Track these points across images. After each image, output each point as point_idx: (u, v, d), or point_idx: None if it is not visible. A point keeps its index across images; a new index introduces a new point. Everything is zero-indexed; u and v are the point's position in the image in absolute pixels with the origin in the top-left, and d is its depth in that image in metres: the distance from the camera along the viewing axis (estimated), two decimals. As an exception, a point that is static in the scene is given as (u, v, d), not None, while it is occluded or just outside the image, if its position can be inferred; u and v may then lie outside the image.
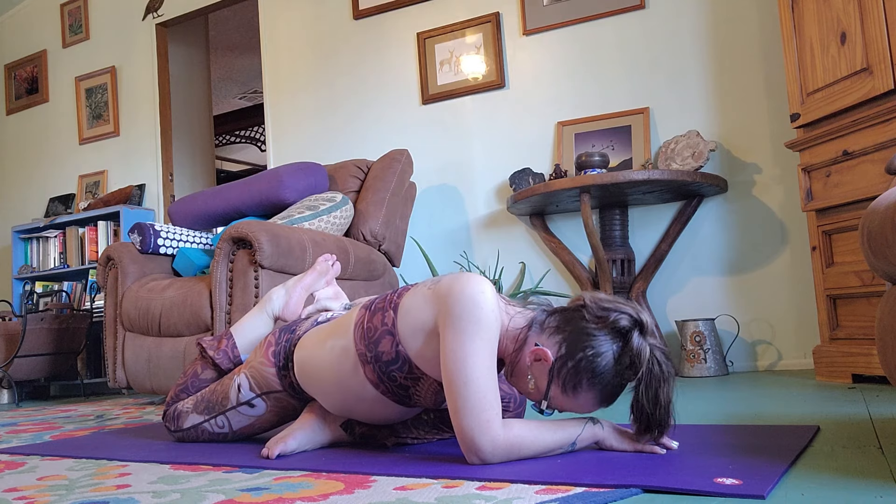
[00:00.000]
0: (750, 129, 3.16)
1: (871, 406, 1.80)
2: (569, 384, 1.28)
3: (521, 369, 1.34)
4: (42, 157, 5.20)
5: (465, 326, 1.27)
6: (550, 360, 1.29)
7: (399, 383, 1.43)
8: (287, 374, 1.63)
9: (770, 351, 3.09)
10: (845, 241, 2.43)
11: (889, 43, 2.22)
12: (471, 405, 1.25)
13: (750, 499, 0.98)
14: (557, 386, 1.29)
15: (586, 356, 1.26)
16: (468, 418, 1.25)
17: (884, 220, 1.14)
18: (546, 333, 1.32)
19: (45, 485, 1.35)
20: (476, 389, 1.25)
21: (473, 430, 1.25)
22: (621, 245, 3.25)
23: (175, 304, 2.65)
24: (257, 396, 1.67)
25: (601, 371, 1.26)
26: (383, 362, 1.41)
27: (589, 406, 1.31)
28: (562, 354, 1.28)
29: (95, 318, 4.12)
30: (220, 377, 1.82)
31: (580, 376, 1.27)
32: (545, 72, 3.59)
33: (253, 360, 1.70)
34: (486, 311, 1.28)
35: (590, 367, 1.26)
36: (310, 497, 1.12)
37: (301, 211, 2.87)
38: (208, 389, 1.77)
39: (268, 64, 4.38)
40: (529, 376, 1.32)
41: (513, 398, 1.66)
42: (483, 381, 1.26)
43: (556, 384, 1.29)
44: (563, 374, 1.28)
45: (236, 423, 1.71)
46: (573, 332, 1.29)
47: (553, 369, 1.29)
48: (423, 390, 1.44)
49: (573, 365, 1.27)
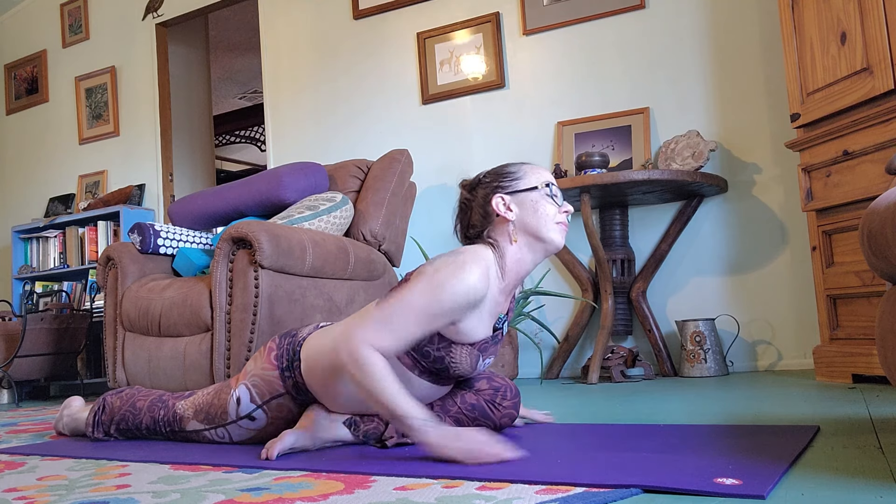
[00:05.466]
0: (750, 129, 3.16)
1: (871, 406, 1.80)
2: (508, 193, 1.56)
3: (505, 232, 1.56)
4: (42, 157, 5.20)
5: (427, 287, 1.43)
6: (501, 211, 1.55)
7: (433, 357, 1.51)
8: (291, 374, 1.63)
9: (770, 351, 3.09)
10: (845, 241, 2.43)
11: (889, 43, 2.22)
12: (376, 315, 1.43)
13: (750, 499, 0.98)
14: (508, 198, 1.55)
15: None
16: (362, 318, 1.45)
17: (884, 220, 1.14)
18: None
19: (45, 485, 1.35)
20: (390, 314, 1.42)
21: (356, 326, 1.42)
22: (621, 245, 3.25)
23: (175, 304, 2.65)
24: (258, 408, 1.67)
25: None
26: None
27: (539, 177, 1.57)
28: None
29: (95, 318, 4.12)
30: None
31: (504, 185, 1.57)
32: (545, 72, 3.59)
33: (253, 369, 1.69)
34: (448, 297, 1.42)
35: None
36: (310, 497, 1.12)
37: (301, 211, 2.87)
38: (205, 400, 1.76)
39: (268, 64, 4.38)
40: (511, 227, 1.54)
41: (508, 389, 1.71)
42: (402, 320, 1.41)
43: (508, 199, 1.55)
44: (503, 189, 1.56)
45: (237, 435, 1.73)
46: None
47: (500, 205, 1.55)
48: (458, 355, 1.52)
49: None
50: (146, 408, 1.85)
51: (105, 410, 1.90)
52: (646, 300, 3.22)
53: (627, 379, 2.94)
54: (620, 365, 2.97)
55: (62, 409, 2.11)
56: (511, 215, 1.55)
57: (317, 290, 2.63)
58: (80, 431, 1.99)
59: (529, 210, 1.55)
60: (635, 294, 3.21)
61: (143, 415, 1.85)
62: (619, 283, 3.20)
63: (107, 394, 1.95)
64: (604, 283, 3.07)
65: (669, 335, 3.22)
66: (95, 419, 1.90)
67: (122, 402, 1.90)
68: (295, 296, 2.53)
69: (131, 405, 1.88)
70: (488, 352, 1.60)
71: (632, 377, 2.94)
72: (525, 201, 1.55)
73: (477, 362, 1.57)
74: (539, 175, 1.59)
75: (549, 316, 3.48)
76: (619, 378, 2.92)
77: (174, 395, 1.87)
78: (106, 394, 1.95)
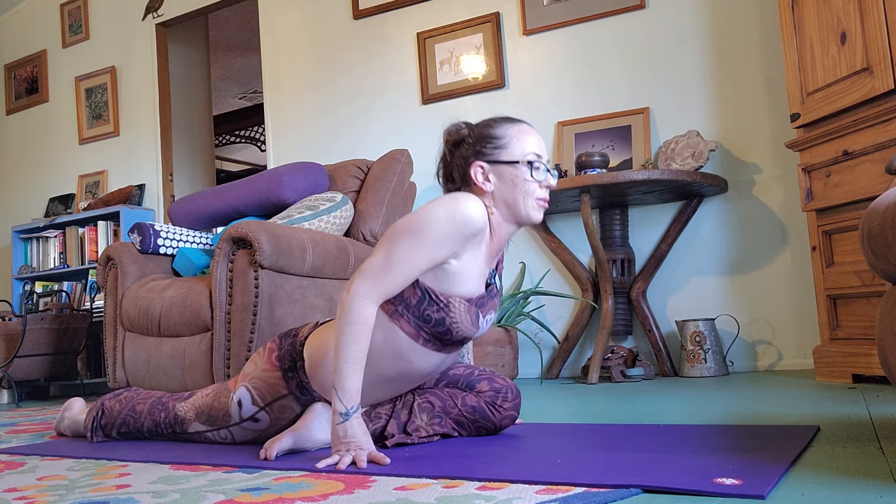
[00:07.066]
0: (750, 129, 3.16)
1: (871, 406, 1.80)
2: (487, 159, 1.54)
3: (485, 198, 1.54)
4: (42, 157, 5.20)
5: (424, 216, 1.45)
6: (479, 181, 1.54)
7: (434, 321, 1.50)
8: (295, 374, 1.63)
9: (770, 351, 3.09)
10: (845, 241, 2.43)
11: (889, 43, 2.22)
12: (377, 257, 1.45)
13: (750, 499, 0.98)
14: (487, 168, 1.54)
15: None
16: (365, 264, 1.46)
17: (884, 220, 1.14)
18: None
19: (45, 485, 1.35)
20: (391, 249, 1.44)
21: (356, 275, 1.45)
22: (621, 245, 3.25)
23: (175, 304, 2.65)
24: (260, 410, 1.66)
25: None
26: (413, 306, 1.49)
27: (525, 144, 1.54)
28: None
29: (95, 318, 4.12)
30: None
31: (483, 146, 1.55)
32: (545, 72, 3.59)
33: (252, 372, 1.68)
34: (446, 219, 1.43)
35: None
36: (310, 497, 1.12)
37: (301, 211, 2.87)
38: (205, 402, 1.75)
39: (268, 64, 4.37)
40: (488, 199, 1.53)
41: (509, 390, 1.70)
42: (402, 252, 1.43)
43: (487, 169, 1.53)
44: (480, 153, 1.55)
45: (240, 436, 1.72)
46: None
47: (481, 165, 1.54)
48: (457, 313, 1.50)
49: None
50: (146, 411, 1.85)
51: (104, 415, 1.90)
52: (646, 300, 3.22)
53: (627, 379, 2.94)
54: (620, 365, 2.97)
55: (63, 410, 2.11)
56: (489, 186, 1.53)
57: (317, 290, 2.63)
58: (81, 433, 1.99)
59: (509, 184, 1.52)
60: (635, 294, 3.21)
61: (144, 418, 1.84)
62: (619, 283, 3.20)
63: (104, 398, 1.94)
64: (604, 283, 3.07)
65: (669, 335, 3.22)
66: (94, 424, 1.89)
67: (122, 406, 1.89)
68: (295, 296, 2.53)
69: (131, 409, 1.87)
70: (486, 307, 1.58)
71: (632, 377, 2.94)
72: (505, 174, 1.52)
73: (478, 319, 1.55)
74: (524, 144, 1.54)
75: (549, 316, 3.48)
76: (619, 378, 2.92)
77: (173, 396, 1.87)
78: (103, 398, 1.94)
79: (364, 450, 1.37)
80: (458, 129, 1.60)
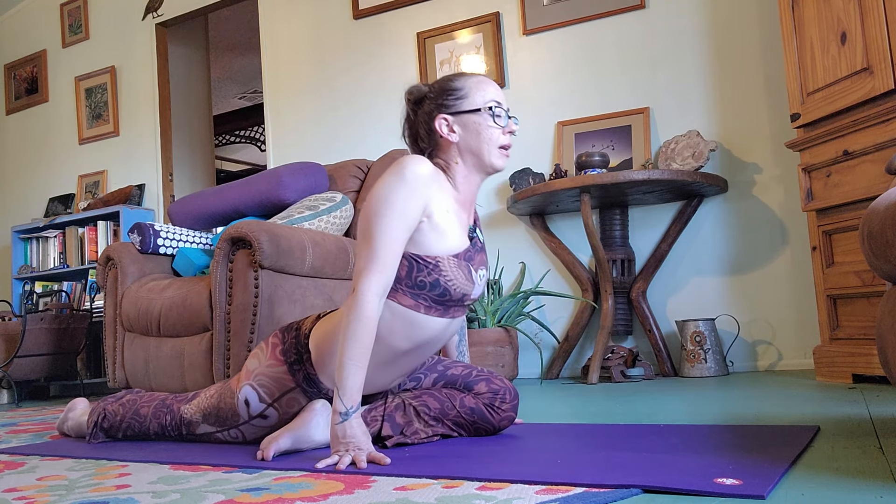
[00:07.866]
0: (750, 129, 3.16)
1: (871, 406, 1.80)
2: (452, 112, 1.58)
3: (451, 152, 1.59)
4: (42, 157, 5.20)
5: (380, 193, 1.48)
6: (444, 133, 1.58)
7: (428, 285, 1.52)
8: (301, 367, 1.62)
9: (770, 351, 3.09)
10: (845, 241, 2.43)
11: (889, 43, 2.22)
12: (362, 251, 1.47)
13: (750, 499, 0.98)
14: (451, 119, 1.58)
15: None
16: (358, 266, 1.48)
17: (884, 220, 1.14)
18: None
19: (45, 485, 1.35)
20: (370, 238, 1.46)
21: (356, 275, 1.47)
22: (621, 245, 3.25)
23: (175, 304, 2.65)
24: (269, 406, 1.66)
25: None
26: (405, 277, 1.51)
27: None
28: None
29: (95, 318, 4.12)
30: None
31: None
32: (545, 72, 3.59)
33: (256, 368, 1.67)
34: (405, 184, 1.47)
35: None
36: (310, 497, 1.12)
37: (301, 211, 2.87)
38: (210, 403, 1.75)
39: (268, 64, 4.37)
40: (455, 149, 1.58)
41: (507, 391, 1.70)
42: (380, 234, 1.45)
43: (451, 120, 1.58)
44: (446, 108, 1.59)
45: (250, 434, 1.72)
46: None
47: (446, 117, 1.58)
48: (449, 271, 1.52)
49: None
50: (151, 414, 1.84)
51: (106, 418, 1.89)
52: (646, 300, 3.22)
53: (627, 379, 2.94)
54: (620, 365, 2.97)
55: (67, 410, 2.11)
56: (454, 137, 1.57)
57: (317, 290, 2.63)
58: (84, 434, 1.99)
59: (473, 133, 1.57)
60: (635, 294, 3.21)
61: (150, 421, 1.84)
62: (619, 283, 3.20)
63: (105, 401, 1.93)
64: (604, 283, 3.07)
65: (669, 335, 3.22)
66: (94, 430, 1.89)
67: (125, 410, 1.88)
68: (295, 296, 2.53)
69: (135, 412, 1.87)
70: (475, 261, 1.60)
71: (632, 377, 2.94)
72: (468, 123, 1.57)
73: (470, 274, 1.56)
74: (484, 93, 1.58)
75: (549, 316, 3.48)
76: (619, 378, 2.92)
77: (176, 398, 1.86)
78: (104, 401, 1.94)
79: (363, 450, 1.38)
80: (419, 88, 1.65)
